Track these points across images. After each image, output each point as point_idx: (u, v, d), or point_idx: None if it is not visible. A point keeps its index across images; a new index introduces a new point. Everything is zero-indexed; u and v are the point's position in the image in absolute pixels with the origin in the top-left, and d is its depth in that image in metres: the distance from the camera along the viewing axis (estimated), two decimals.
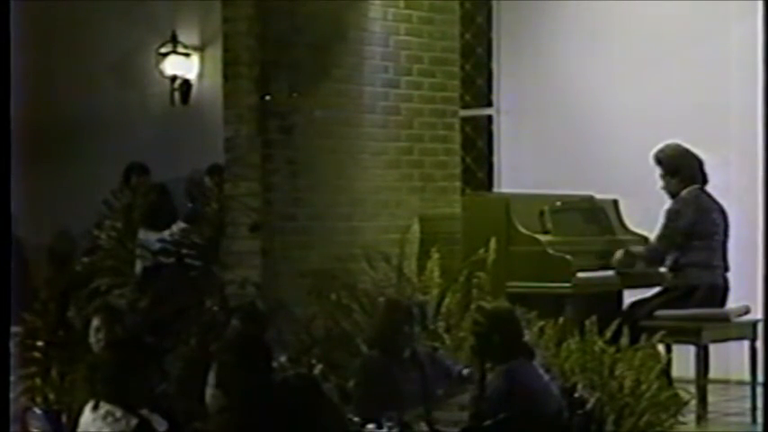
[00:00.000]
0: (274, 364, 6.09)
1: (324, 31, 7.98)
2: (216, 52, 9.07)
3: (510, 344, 6.26)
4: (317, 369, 6.84)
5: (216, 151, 8.32)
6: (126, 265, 8.68)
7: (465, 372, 6.68)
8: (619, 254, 8.43)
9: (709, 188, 8.43)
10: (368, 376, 6.61)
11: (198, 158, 9.66)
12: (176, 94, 10.85)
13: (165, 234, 8.60)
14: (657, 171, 8.40)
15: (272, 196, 7.84)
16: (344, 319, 7.46)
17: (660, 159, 8.40)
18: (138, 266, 8.70)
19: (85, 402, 5.66)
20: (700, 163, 8.39)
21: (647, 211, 8.60)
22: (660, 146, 8.44)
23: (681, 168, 8.34)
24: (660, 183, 8.40)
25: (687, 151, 8.39)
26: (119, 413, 5.48)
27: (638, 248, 8.48)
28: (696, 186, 8.34)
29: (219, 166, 8.54)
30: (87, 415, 5.58)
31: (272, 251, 7.76)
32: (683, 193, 8.31)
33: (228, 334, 6.76)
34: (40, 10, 10.52)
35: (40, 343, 7.61)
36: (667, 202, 8.35)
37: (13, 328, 6.56)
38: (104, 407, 5.52)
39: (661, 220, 8.32)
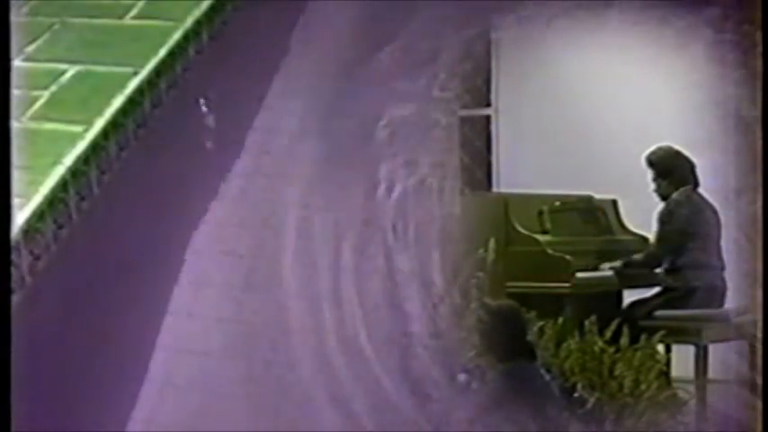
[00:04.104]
0: None
1: None
2: None
3: (514, 341, 6.24)
4: None
5: None
6: None
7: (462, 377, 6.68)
8: (619, 265, 8.42)
9: (708, 190, 8.43)
10: None
11: None
12: None
13: None
14: (649, 174, 8.41)
15: None
16: None
17: (652, 162, 8.38)
18: None
19: None
20: (691, 165, 8.38)
21: (646, 211, 8.58)
22: (652, 148, 8.44)
23: (673, 171, 8.33)
24: (652, 185, 8.40)
25: (679, 153, 8.37)
26: None
27: (638, 256, 8.45)
28: (687, 187, 8.33)
29: None
30: None
31: None
32: (674, 194, 8.30)
33: None
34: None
35: None
36: (660, 205, 8.34)
37: None
38: None
39: (655, 225, 8.32)
